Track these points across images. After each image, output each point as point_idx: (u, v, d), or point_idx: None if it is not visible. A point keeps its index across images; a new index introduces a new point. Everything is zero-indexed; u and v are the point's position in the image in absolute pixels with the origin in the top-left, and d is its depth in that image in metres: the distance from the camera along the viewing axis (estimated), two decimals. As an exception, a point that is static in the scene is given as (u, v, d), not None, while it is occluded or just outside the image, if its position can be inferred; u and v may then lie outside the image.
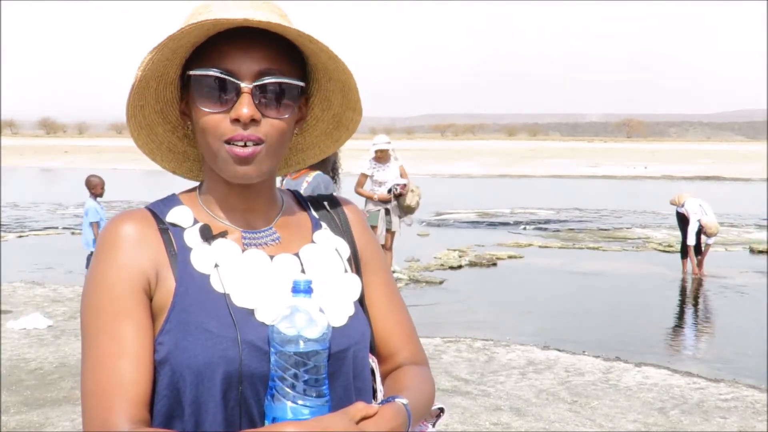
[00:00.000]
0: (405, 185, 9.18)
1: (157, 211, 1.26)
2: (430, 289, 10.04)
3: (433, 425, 1.34)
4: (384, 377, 1.34)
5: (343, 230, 1.37)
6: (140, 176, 36.65)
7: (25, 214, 19.68)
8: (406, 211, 9.30)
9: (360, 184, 9.36)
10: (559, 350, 7.08)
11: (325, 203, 1.39)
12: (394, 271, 10.26)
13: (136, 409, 1.12)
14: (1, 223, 17.33)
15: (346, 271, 1.31)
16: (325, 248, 1.31)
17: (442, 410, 1.36)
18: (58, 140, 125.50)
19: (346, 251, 1.34)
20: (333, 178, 5.23)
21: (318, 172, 5.33)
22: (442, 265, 11.70)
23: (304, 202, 1.38)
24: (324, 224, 1.35)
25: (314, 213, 1.37)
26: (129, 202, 23.00)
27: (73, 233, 16.25)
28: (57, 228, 16.99)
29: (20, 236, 15.64)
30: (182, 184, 1.36)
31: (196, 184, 1.36)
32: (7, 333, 7.25)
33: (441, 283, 10.38)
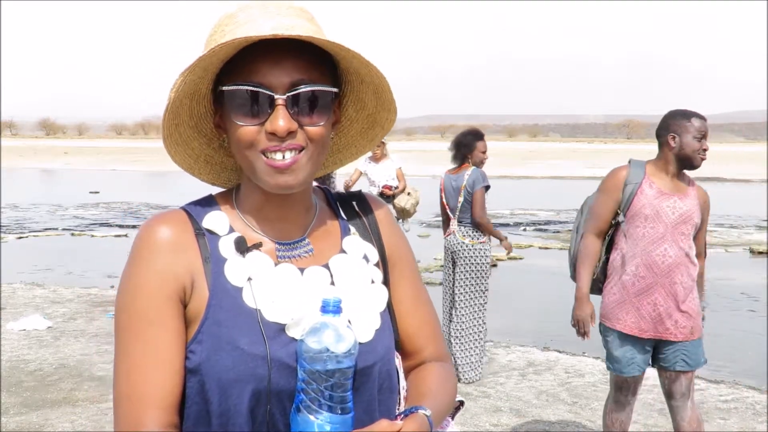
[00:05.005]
0: (388, 185, 9.05)
1: (193, 213, 1.26)
2: (430, 290, 9.96)
3: (453, 417, 1.36)
4: (407, 373, 1.37)
5: (372, 232, 1.37)
6: (140, 177, 36.65)
7: (24, 215, 19.68)
8: (400, 213, 9.20)
9: (352, 180, 9.25)
10: (559, 351, 7.08)
11: (354, 203, 1.39)
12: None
13: (167, 415, 1.15)
14: (1, 224, 17.33)
15: (372, 282, 1.31)
16: (354, 257, 1.31)
17: (461, 403, 1.39)
18: (57, 141, 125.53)
19: (375, 256, 1.34)
20: (328, 177, 5.22)
21: (474, 167, 6.04)
22: (442, 266, 11.69)
23: (333, 203, 1.38)
24: (353, 228, 1.35)
25: (343, 215, 1.36)
26: (129, 203, 23.00)
27: (72, 234, 16.27)
28: (57, 229, 17.00)
29: (20, 237, 15.64)
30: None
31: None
32: (7, 334, 7.24)
33: (441, 284, 10.37)
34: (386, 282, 1.34)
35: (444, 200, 6.25)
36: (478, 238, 6.06)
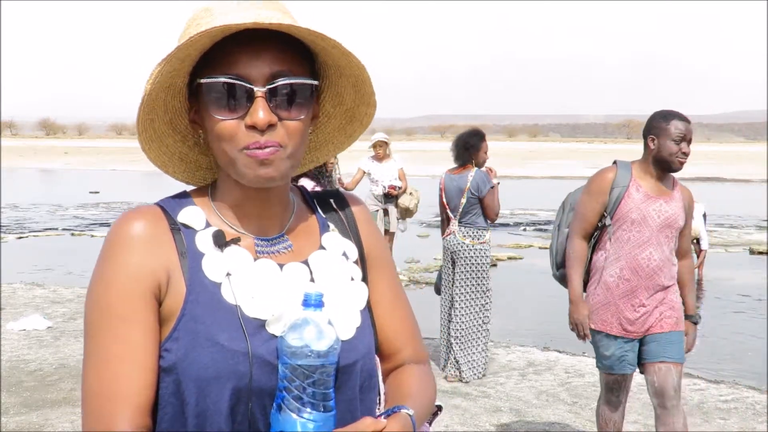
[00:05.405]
0: (393, 185, 9.05)
1: (168, 208, 1.23)
2: (430, 290, 10.05)
3: (430, 423, 1.33)
4: (386, 375, 1.34)
5: (351, 229, 1.35)
6: (139, 177, 36.65)
7: (25, 216, 19.68)
8: (402, 213, 9.22)
9: (354, 180, 9.26)
10: (559, 351, 7.08)
11: (332, 201, 1.37)
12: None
13: (139, 415, 1.11)
14: (1, 224, 17.33)
15: (352, 279, 1.29)
16: (333, 254, 1.29)
17: (439, 408, 1.36)
18: (57, 141, 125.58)
19: (354, 253, 1.32)
20: (320, 171, 5.20)
21: (477, 168, 6.03)
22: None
23: (311, 201, 1.36)
24: (332, 225, 1.33)
25: (321, 213, 1.34)
26: (129, 203, 23.00)
27: (72, 234, 16.26)
28: (57, 229, 16.99)
29: (20, 237, 15.64)
30: (184, 186, 1.34)
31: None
32: (7, 334, 7.24)
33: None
34: (365, 280, 1.32)
35: (444, 200, 6.21)
36: (478, 239, 6.05)
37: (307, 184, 5.14)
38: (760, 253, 13.71)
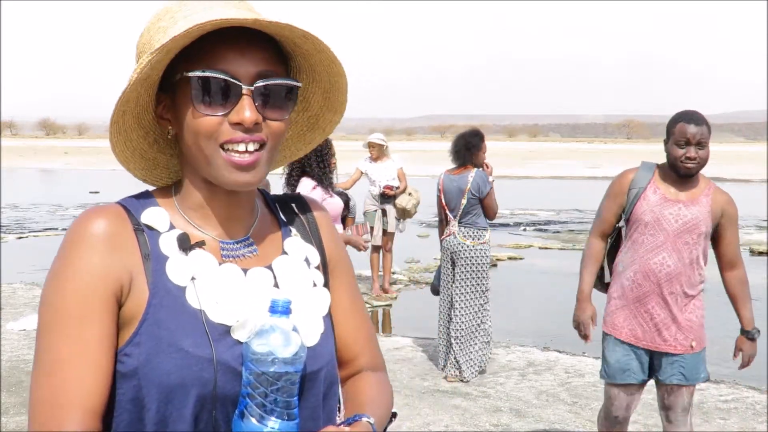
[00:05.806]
0: (389, 186, 9.03)
1: (131, 208, 1.19)
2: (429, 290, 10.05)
3: (385, 430, 1.32)
4: (343, 381, 1.33)
5: (312, 234, 1.33)
6: (140, 177, 36.58)
7: (24, 216, 19.68)
8: (400, 213, 9.19)
9: (352, 179, 9.25)
10: (559, 351, 7.08)
11: (293, 205, 1.36)
12: (394, 273, 10.20)
13: (89, 418, 1.07)
14: (1, 224, 17.33)
15: (315, 284, 1.28)
16: (296, 259, 1.27)
17: (394, 415, 1.34)
18: (57, 141, 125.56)
19: (316, 259, 1.31)
20: (324, 172, 5.19)
21: (477, 169, 6.04)
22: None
23: (272, 204, 1.34)
24: (293, 230, 1.31)
25: (283, 217, 1.33)
26: (129, 203, 22.99)
27: (72, 234, 16.25)
28: (57, 229, 16.96)
29: (20, 237, 15.64)
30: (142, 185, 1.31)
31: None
32: (7, 334, 7.24)
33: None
34: (326, 286, 1.31)
35: (443, 201, 6.18)
36: (479, 239, 6.05)
37: (309, 183, 5.12)
38: (760, 253, 13.71)
